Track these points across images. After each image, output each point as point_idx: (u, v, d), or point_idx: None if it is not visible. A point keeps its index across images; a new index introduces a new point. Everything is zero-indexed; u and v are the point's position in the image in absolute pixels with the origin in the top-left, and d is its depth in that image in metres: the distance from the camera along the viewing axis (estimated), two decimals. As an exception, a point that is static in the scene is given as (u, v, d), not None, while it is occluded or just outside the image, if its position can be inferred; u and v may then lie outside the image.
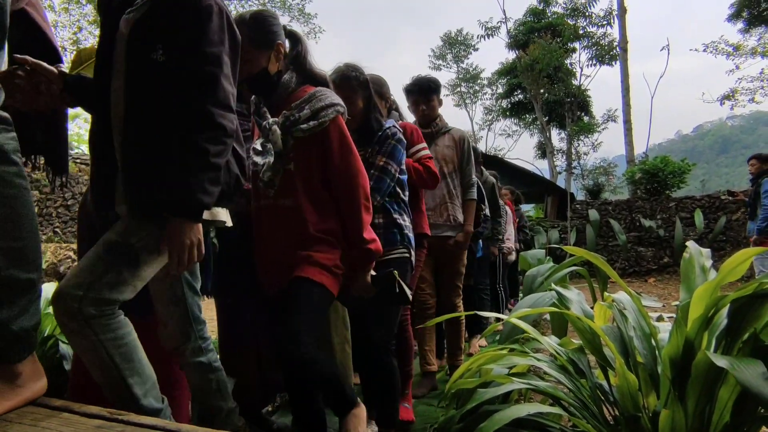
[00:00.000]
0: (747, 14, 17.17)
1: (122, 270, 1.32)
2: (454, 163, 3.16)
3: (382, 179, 2.10)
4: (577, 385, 1.69)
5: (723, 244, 10.49)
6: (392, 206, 2.16)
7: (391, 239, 2.11)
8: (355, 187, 1.71)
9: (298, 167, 1.70)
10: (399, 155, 2.17)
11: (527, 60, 17.83)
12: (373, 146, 2.15)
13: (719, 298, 1.46)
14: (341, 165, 1.70)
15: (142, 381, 1.36)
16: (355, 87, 2.13)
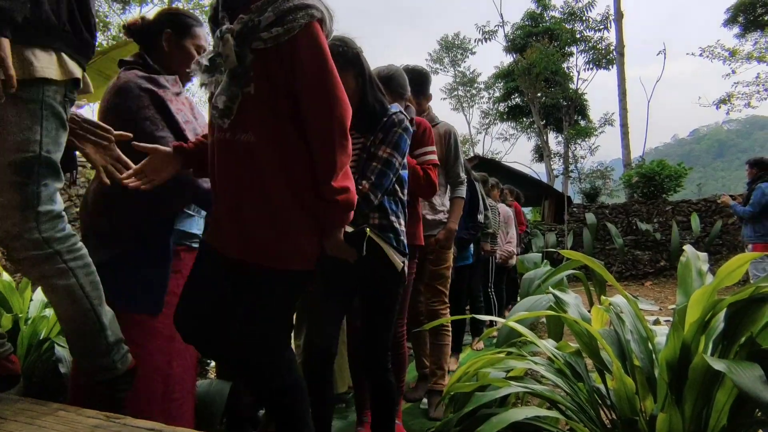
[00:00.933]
0: (743, 19, 17.27)
1: (44, 179, 1.31)
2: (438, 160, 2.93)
3: (385, 174, 1.83)
4: (574, 388, 1.69)
5: (719, 248, 10.52)
6: (390, 206, 1.89)
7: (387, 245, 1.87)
8: (328, 116, 1.33)
9: (260, 91, 1.34)
10: (404, 146, 1.89)
11: (524, 64, 17.89)
12: (375, 133, 1.86)
13: (716, 301, 1.46)
14: (313, 86, 1.32)
15: (105, 312, 1.41)
16: (344, 64, 1.76)
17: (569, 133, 19.05)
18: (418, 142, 2.33)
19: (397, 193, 1.95)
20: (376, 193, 1.81)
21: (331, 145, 1.33)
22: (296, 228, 1.36)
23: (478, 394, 1.74)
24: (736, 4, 17.21)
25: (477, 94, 31.44)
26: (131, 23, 1.91)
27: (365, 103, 1.88)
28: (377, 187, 1.81)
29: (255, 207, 1.34)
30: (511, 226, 5.58)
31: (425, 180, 2.28)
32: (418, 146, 2.33)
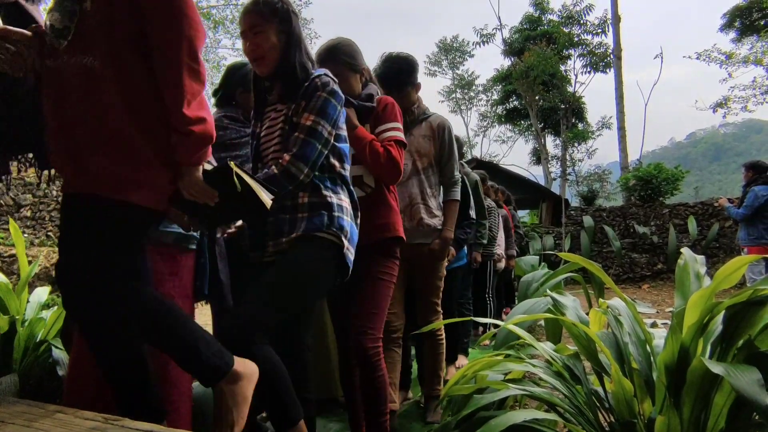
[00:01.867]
0: (739, 24, 17.36)
1: None
2: (430, 157, 2.59)
3: (309, 144, 1.62)
4: (572, 391, 1.69)
5: (716, 251, 10.55)
6: (324, 182, 1.69)
7: (316, 223, 1.64)
8: (176, 35, 1.18)
9: (99, 7, 1.19)
10: (333, 112, 1.67)
11: (522, 67, 17.93)
12: (297, 100, 1.67)
13: (714, 304, 1.47)
14: (159, 1, 1.18)
15: None
16: (268, 15, 1.62)
17: (567, 136, 19.09)
18: (379, 118, 2.07)
19: (335, 168, 1.73)
20: (300, 166, 1.59)
21: (178, 68, 1.19)
22: (138, 156, 1.24)
23: (476, 396, 1.74)
24: (733, 9, 17.30)
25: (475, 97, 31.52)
26: None
27: (284, 65, 1.67)
28: (300, 158, 1.60)
29: (90, 132, 1.22)
30: (499, 228, 5.43)
31: (386, 158, 1.96)
32: (379, 122, 2.06)
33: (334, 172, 1.73)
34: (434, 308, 2.64)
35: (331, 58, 2.02)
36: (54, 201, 8.40)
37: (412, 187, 2.56)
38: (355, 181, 1.95)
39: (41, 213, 8.33)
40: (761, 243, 5.46)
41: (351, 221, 1.72)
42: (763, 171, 5.69)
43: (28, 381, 2.45)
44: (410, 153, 2.54)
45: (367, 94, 2.10)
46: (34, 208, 8.28)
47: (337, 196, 1.70)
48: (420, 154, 2.59)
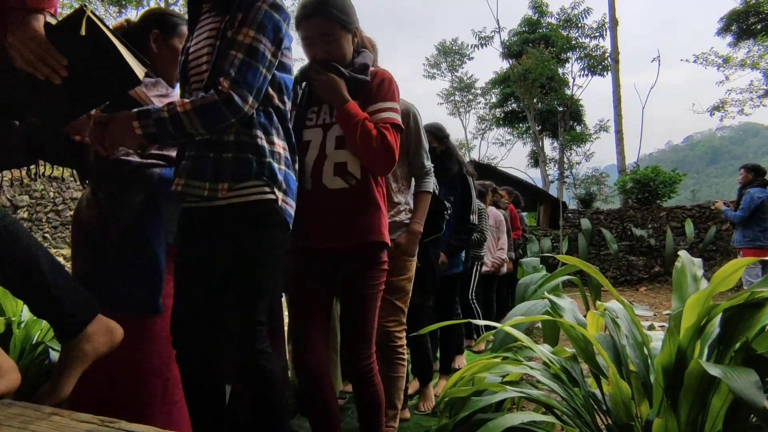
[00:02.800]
0: (736, 28, 17.43)
1: None
2: None
3: (251, 68, 1.35)
4: (570, 393, 1.69)
5: (713, 254, 10.57)
6: (256, 117, 1.43)
7: (243, 171, 1.39)
8: None
9: None
10: (276, 30, 1.40)
11: (520, 70, 17.97)
12: (232, 12, 1.40)
13: (711, 307, 1.47)
14: None
15: None
16: None
17: (564, 139, 19.13)
18: (373, 95, 1.74)
19: (272, 100, 1.47)
20: (243, 93, 1.33)
21: None
22: None
23: (473, 398, 1.74)
24: (730, 13, 17.38)
25: (473, 100, 31.57)
26: (117, 27, 1.90)
27: None
28: (241, 84, 1.33)
29: None
30: (502, 231, 5.16)
31: (379, 143, 1.65)
32: (372, 100, 1.74)
33: (271, 105, 1.46)
34: (398, 316, 2.19)
35: (321, 12, 1.68)
36: (51, 202, 8.38)
37: None
38: (337, 169, 1.68)
39: (38, 214, 8.31)
40: (756, 245, 5.48)
41: (287, 170, 1.48)
42: (761, 174, 5.71)
43: (24, 383, 2.44)
44: None
45: (361, 64, 1.77)
46: (31, 209, 8.26)
47: (269, 137, 1.44)
48: None
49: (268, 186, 1.41)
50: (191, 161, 1.44)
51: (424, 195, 2.35)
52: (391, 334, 2.17)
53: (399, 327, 2.20)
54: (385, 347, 2.14)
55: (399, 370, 2.23)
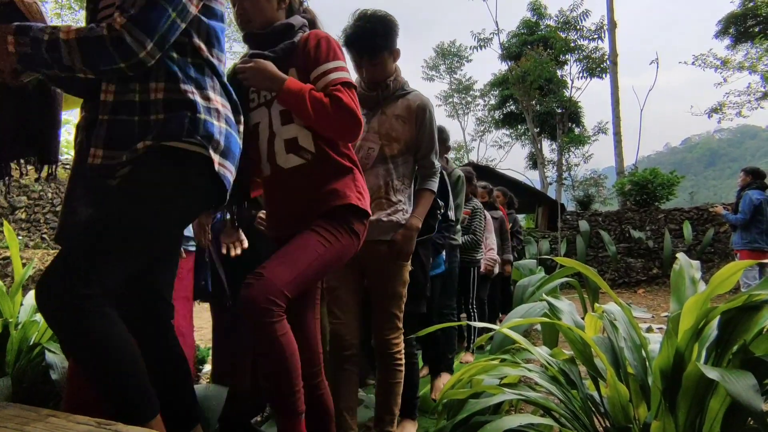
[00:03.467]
0: (734, 31, 17.47)
1: None
2: (403, 143, 2.09)
3: (156, 7, 1.16)
4: (568, 395, 1.69)
5: (711, 256, 10.58)
6: (185, 70, 1.27)
7: (172, 130, 1.22)
8: None
9: None
10: None
11: (519, 72, 18.00)
12: None
13: (709, 309, 1.47)
14: None
15: None
16: None
17: (563, 141, 19.15)
18: (312, 59, 1.55)
19: (200, 52, 1.30)
20: (139, 36, 1.14)
21: None
22: None
23: (472, 401, 1.74)
24: (728, 16, 17.42)
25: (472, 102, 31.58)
26: None
27: None
28: (140, 24, 1.14)
29: None
30: (489, 231, 4.85)
31: (336, 108, 1.48)
32: (313, 65, 1.55)
33: (200, 58, 1.30)
34: (393, 322, 2.07)
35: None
36: (49, 203, 8.36)
37: (376, 177, 2.04)
38: (288, 145, 1.54)
39: (36, 215, 8.30)
40: (755, 247, 5.49)
41: (227, 127, 1.32)
42: (760, 177, 5.73)
43: (21, 384, 2.43)
44: (379, 136, 2.06)
45: (282, 26, 1.60)
46: (29, 210, 8.24)
47: (203, 92, 1.28)
48: (390, 138, 2.06)
49: (202, 147, 1.24)
50: (107, 127, 1.24)
51: (428, 193, 2.19)
52: (388, 343, 2.06)
53: (395, 334, 2.09)
54: (383, 354, 2.08)
55: (397, 376, 2.14)
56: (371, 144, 2.05)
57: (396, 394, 2.14)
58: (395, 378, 2.12)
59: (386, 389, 2.12)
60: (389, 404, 2.11)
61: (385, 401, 2.09)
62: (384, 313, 2.05)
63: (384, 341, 2.05)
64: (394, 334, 2.08)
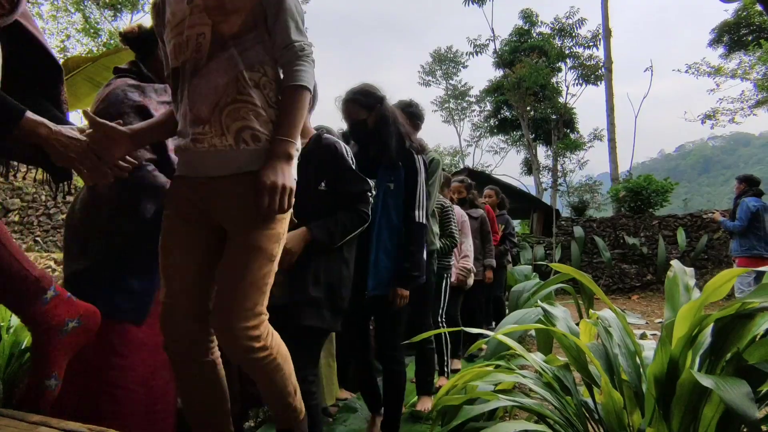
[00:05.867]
0: (727, 39, 17.64)
1: None
2: (243, 13, 1.40)
3: None
4: (562, 402, 1.69)
5: (705, 263, 10.63)
6: None
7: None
8: None
9: None
10: None
11: (514, 78, 18.08)
12: None
13: (703, 317, 1.47)
14: None
15: None
16: None
17: (558, 147, 19.23)
18: None
19: None
20: None
21: None
22: None
23: (466, 407, 1.74)
24: (721, 24, 17.60)
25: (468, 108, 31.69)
26: (128, 31, 1.91)
27: None
28: None
29: None
30: (465, 234, 4.04)
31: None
32: None
33: None
34: (250, 300, 1.35)
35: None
36: (43, 206, 8.31)
37: (217, 74, 1.38)
38: None
39: (29, 218, 8.24)
40: (753, 254, 5.53)
41: None
42: (754, 184, 5.79)
43: (12, 389, 2.41)
44: (207, 12, 1.38)
45: None
46: (22, 212, 8.19)
47: None
48: (225, 11, 1.38)
49: None
50: None
51: (299, 92, 1.40)
52: (236, 331, 1.35)
53: (253, 322, 1.36)
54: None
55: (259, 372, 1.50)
56: (199, 27, 1.39)
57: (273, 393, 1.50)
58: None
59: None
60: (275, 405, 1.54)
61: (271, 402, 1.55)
62: (226, 291, 1.37)
63: (230, 329, 1.32)
64: (250, 321, 1.34)
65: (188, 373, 1.45)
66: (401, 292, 2.27)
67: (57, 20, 16.29)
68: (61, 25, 16.37)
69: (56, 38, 16.12)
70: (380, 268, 2.28)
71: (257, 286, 1.37)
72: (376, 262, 2.29)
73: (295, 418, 1.57)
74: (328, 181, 1.98)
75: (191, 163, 1.43)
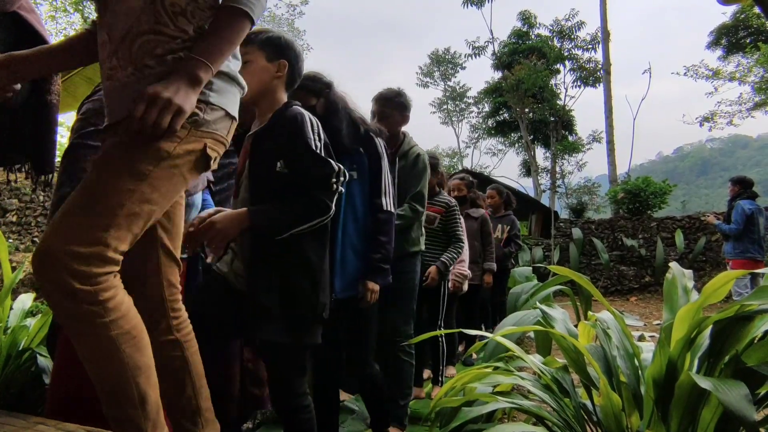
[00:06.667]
0: (725, 42, 17.68)
1: None
2: None
3: None
4: (561, 404, 1.69)
5: (703, 265, 10.64)
6: None
7: None
8: None
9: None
10: None
11: (513, 80, 18.10)
12: None
13: (702, 319, 1.48)
14: None
15: None
16: None
17: (556, 149, 19.25)
18: None
19: None
20: None
21: None
22: None
23: (464, 409, 1.73)
24: (719, 27, 17.64)
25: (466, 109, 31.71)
26: None
27: None
28: None
29: None
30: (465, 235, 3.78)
31: None
32: None
33: None
34: (76, 226, 1.03)
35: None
36: (41, 206, 8.29)
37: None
38: None
39: (27, 218, 8.23)
40: (747, 256, 5.54)
41: None
42: (748, 186, 5.79)
43: (10, 390, 2.40)
44: None
45: None
46: (20, 213, 8.17)
47: None
48: None
49: None
50: None
51: (236, 16, 1.17)
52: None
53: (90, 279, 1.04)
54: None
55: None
56: None
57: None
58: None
59: None
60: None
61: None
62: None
63: (49, 247, 1.01)
64: (80, 246, 1.01)
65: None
66: (371, 286, 2.04)
67: (56, 20, 16.28)
68: (59, 26, 16.36)
69: (55, 38, 16.09)
70: (348, 268, 2.04)
71: (106, 203, 1.01)
72: (343, 261, 2.02)
73: None
74: (287, 160, 1.67)
75: (108, 107, 1.18)
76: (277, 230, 1.61)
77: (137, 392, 1.05)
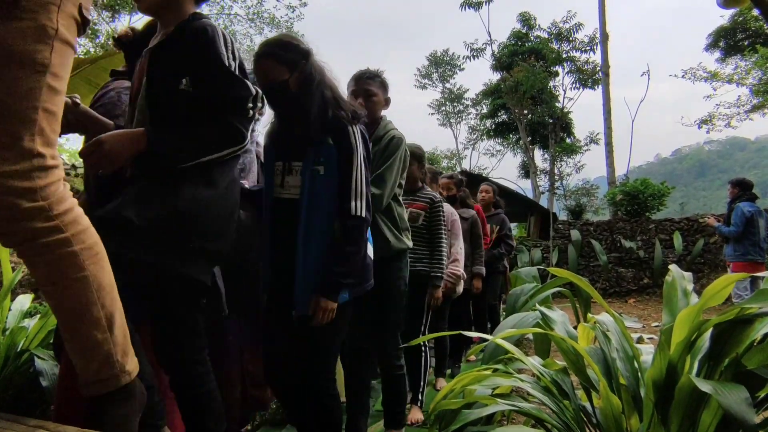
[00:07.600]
0: (723, 44, 17.74)
1: None
2: None
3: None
4: (560, 406, 1.69)
5: (701, 267, 10.65)
6: None
7: None
8: None
9: None
10: None
11: (511, 82, 18.13)
12: None
13: (702, 322, 1.48)
14: None
15: None
16: None
17: (555, 151, 19.28)
18: None
19: None
20: None
21: None
22: None
23: (464, 411, 1.73)
24: (717, 30, 17.70)
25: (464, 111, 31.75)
26: (121, 35, 1.90)
27: None
28: None
29: None
30: (456, 236, 3.59)
31: None
32: None
33: None
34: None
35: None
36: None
37: None
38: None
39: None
40: (747, 259, 5.54)
41: None
42: (748, 188, 5.79)
43: (7, 392, 2.40)
44: None
45: None
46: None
47: None
48: None
49: None
50: None
51: None
52: None
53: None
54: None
55: None
56: None
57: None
58: None
59: None
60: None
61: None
62: None
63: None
64: (13, 164, 0.99)
65: None
66: (325, 304, 1.67)
67: (54, 21, 16.23)
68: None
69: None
70: (310, 283, 1.70)
71: (18, 108, 0.92)
72: (304, 275, 1.70)
73: (107, 380, 1.05)
74: (192, 78, 1.42)
75: None
76: (180, 158, 1.37)
77: (104, 314, 0.99)
